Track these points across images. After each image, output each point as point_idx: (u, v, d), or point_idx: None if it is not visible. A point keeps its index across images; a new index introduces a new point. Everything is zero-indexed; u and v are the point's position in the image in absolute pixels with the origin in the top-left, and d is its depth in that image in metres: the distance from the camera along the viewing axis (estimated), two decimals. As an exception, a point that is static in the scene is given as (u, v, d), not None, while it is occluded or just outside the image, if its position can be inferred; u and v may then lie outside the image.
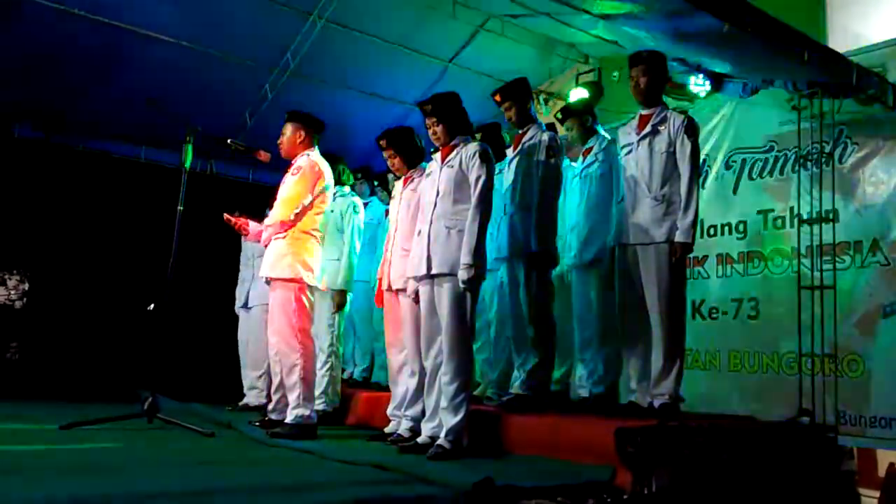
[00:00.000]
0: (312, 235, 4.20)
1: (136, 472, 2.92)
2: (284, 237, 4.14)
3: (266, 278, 4.20)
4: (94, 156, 6.45)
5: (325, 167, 4.31)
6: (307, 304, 4.15)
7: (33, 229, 6.17)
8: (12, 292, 6.16)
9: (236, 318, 5.91)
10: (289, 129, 4.34)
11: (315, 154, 4.34)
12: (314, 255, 4.20)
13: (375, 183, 5.79)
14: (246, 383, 5.67)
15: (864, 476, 4.24)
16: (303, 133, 4.33)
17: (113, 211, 6.45)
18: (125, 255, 6.42)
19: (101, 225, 6.40)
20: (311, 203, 4.18)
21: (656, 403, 3.64)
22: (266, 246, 4.25)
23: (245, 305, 5.74)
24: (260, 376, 5.51)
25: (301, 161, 4.27)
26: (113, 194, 6.46)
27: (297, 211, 4.14)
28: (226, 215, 4.26)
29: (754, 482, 3.28)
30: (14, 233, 6.10)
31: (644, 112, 3.88)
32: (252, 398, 5.54)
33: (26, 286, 6.20)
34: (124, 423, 4.08)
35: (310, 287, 4.17)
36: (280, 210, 4.16)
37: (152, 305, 6.34)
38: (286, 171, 4.36)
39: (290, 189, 4.18)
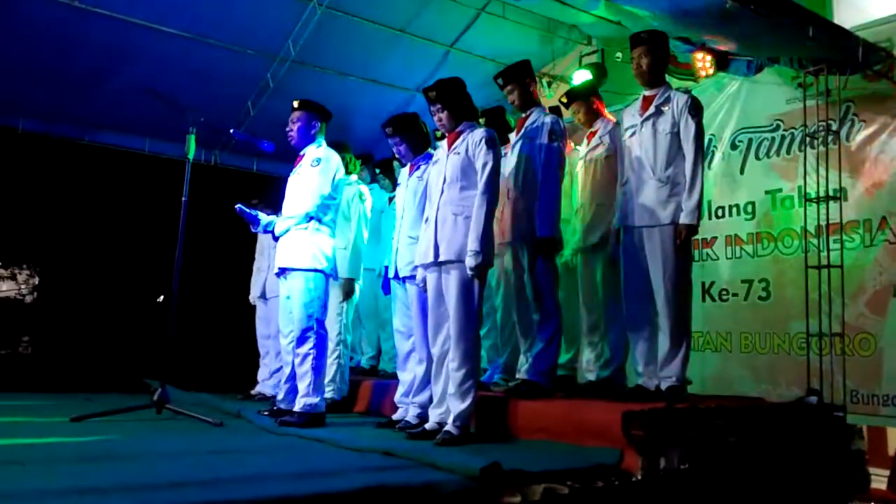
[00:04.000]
0: (328, 226, 4.23)
1: (146, 463, 2.93)
2: (307, 228, 4.14)
3: (280, 268, 4.18)
4: (99, 149, 6.47)
5: (339, 158, 4.32)
6: (325, 294, 4.18)
7: (41, 224, 6.21)
8: (23, 287, 6.20)
9: (248, 308, 5.89)
10: (302, 119, 4.31)
11: (324, 144, 4.35)
12: (330, 246, 4.23)
13: (377, 171, 5.76)
14: (262, 373, 5.65)
15: (874, 455, 4.22)
16: (317, 123, 4.34)
17: (119, 204, 6.48)
18: (133, 247, 6.46)
19: (108, 218, 6.43)
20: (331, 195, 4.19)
21: (663, 386, 3.63)
22: (276, 237, 4.26)
23: (263, 296, 5.71)
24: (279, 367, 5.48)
25: (320, 152, 4.26)
26: (119, 187, 6.49)
27: (320, 203, 4.15)
28: (238, 206, 4.24)
29: (762, 463, 3.27)
30: (23, 228, 6.13)
31: (647, 93, 3.83)
32: (267, 388, 5.49)
33: (36, 280, 6.24)
34: (134, 415, 4.11)
35: (326, 277, 4.19)
36: (305, 201, 4.16)
37: (162, 297, 6.39)
38: (296, 161, 4.35)
39: (313, 180, 4.17)
